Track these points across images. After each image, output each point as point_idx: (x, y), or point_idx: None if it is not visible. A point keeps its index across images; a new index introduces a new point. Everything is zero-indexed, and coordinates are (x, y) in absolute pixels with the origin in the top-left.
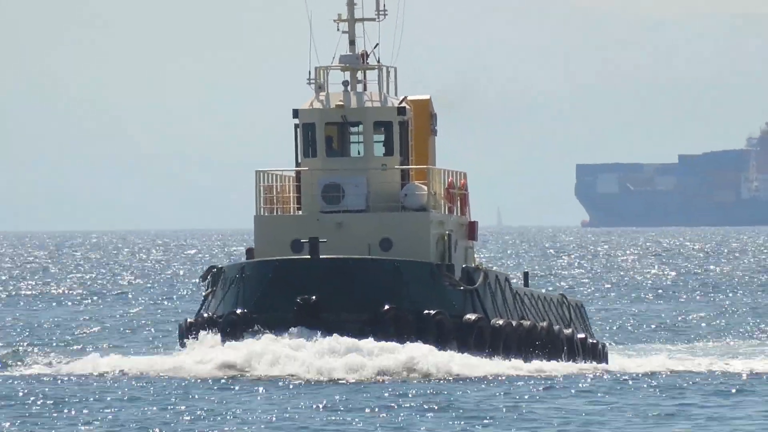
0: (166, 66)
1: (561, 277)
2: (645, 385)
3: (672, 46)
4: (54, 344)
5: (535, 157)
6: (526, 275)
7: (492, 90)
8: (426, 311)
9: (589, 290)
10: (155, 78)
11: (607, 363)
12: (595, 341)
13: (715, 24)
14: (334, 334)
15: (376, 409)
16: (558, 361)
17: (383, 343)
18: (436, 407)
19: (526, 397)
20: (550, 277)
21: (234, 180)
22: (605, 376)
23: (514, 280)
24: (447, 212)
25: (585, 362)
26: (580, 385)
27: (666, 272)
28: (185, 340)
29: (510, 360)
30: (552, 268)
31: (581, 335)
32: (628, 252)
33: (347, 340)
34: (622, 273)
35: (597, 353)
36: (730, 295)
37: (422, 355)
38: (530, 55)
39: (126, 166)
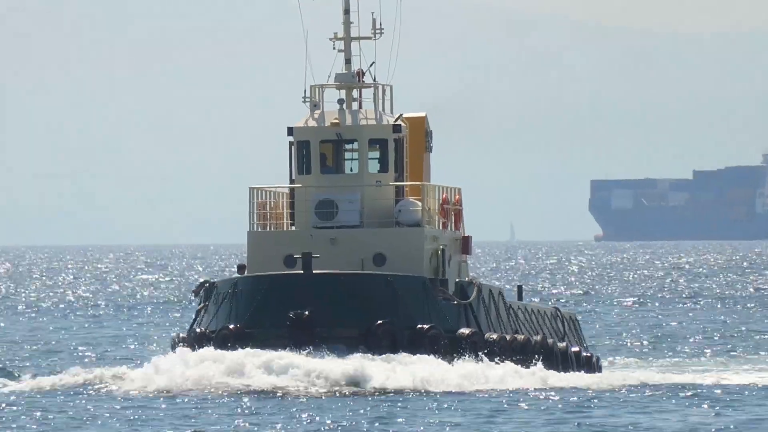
0: (159, 80)
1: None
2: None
3: (685, 62)
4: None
5: (550, 173)
6: (519, 289)
7: (501, 104)
8: (419, 326)
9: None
10: (149, 93)
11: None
12: (589, 354)
13: (729, 41)
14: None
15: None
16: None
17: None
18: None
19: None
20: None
21: (227, 196)
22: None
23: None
24: (441, 227)
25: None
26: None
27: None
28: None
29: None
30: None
31: (575, 348)
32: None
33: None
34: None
35: (591, 366)
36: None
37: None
38: (543, 69)
39: (118, 181)
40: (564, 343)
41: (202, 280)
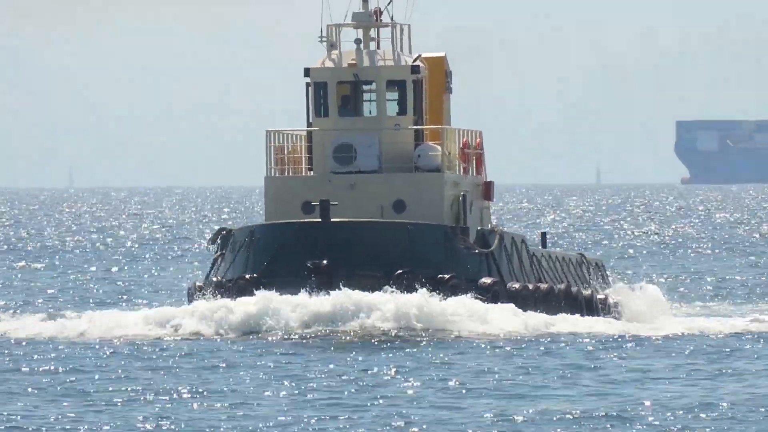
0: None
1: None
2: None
3: None
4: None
5: (635, 114)
6: (543, 236)
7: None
8: (440, 275)
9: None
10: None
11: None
12: (615, 300)
13: None
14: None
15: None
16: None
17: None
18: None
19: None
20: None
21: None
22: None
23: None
24: (462, 173)
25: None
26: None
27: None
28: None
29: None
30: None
31: (601, 295)
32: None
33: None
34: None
35: (618, 312)
36: None
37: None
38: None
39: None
40: (589, 291)
41: (218, 227)
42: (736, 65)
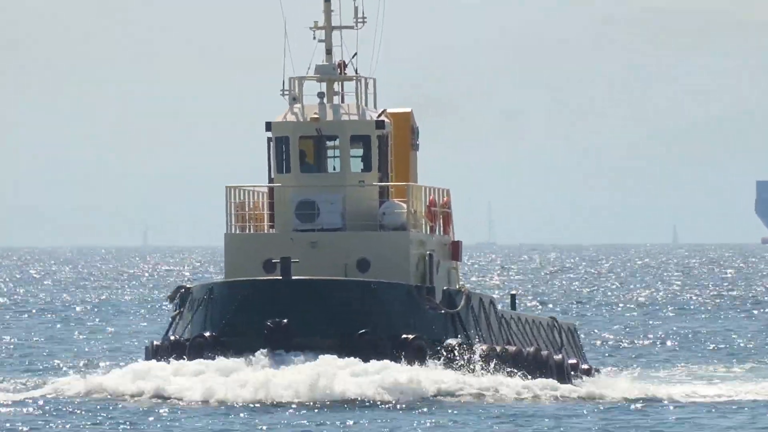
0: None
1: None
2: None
3: None
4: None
5: (714, 173)
6: (513, 297)
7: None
8: (403, 335)
9: None
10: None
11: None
12: (587, 366)
13: None
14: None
15: None
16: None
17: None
18: None
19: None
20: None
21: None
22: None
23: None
24: (428, 231)
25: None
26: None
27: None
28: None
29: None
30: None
31: (572, 360)
32: None
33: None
34: None
35: (589, 377)
36: None
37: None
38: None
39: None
40: (560, 355)
41: (177, 285)
42: None
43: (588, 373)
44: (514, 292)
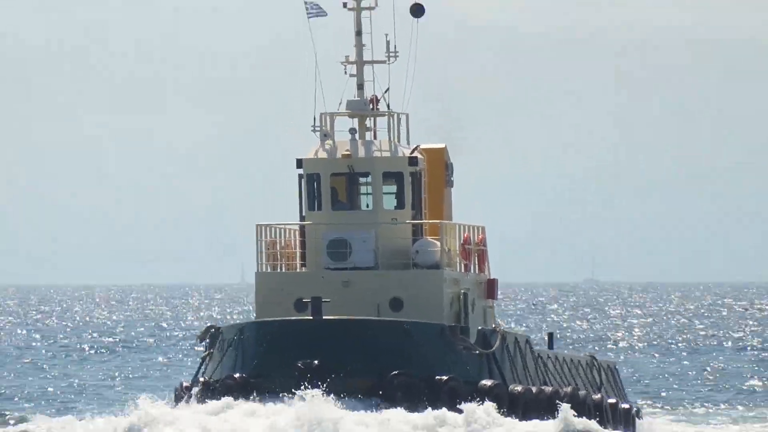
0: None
1: None
2: None
3: None
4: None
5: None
6: (550, 336)
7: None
8: (437, 376)
9: None
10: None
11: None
12: (627, 406)
13: None
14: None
15: None
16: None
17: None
18: None
19: None
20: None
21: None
22: None
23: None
24: (463, 270)
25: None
26: None
27: None
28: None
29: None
30: None
31: (612, 400)
32: None
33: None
34: None
35: (629, 419)
36: None
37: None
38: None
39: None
40: (598, 395)
41: (207, 325)
42: None
43: (628, 413)
44: (551, 331)
